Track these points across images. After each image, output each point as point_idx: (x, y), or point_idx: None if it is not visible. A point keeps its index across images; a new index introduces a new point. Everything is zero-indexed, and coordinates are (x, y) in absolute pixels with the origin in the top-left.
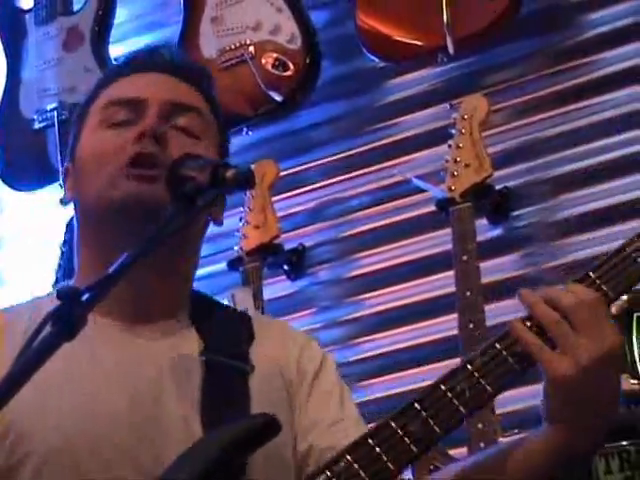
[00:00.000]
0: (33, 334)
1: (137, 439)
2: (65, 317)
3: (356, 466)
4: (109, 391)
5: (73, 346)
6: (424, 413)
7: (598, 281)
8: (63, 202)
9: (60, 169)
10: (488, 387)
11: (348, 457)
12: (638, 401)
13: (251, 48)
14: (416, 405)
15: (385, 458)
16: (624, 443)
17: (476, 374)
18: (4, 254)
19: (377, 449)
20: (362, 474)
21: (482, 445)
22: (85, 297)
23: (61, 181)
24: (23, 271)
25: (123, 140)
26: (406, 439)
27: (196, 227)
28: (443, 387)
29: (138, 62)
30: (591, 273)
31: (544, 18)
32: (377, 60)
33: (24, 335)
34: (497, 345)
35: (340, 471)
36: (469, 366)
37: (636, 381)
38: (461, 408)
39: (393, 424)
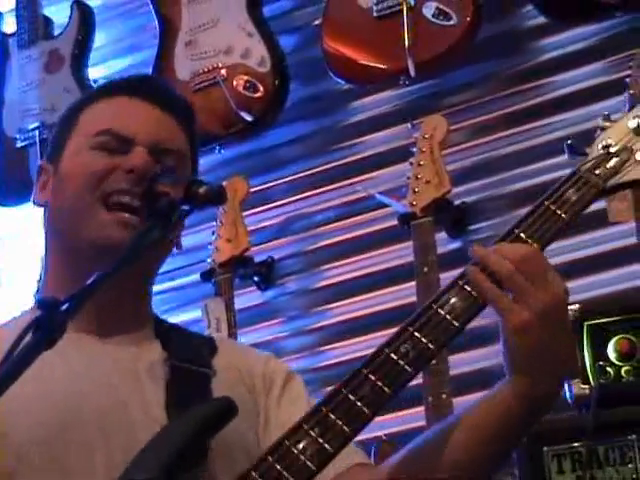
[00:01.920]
0: (14, 343)
1: (107, 436)
2: (45, 326)
3: (313, 433)
4: (78, 392)
5: (45, 353)
6: (372, 376)
7: (523, 235)
8: (35, 202)
9: None
10: (430, 345)
11: (305, 426)
12: (588, 405)
13: (223, 71)
14: (364, 370)
15: (340, 423)
16: (575, 444)
17: (417, 334)
18: (2, 256)
19: (332, 415)
20: (320, 440)
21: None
22: (64, 307)
23: (35, 178)
24: (21, 273)
25: (111, 163)
26: (358, 403)
27: (164, 246)
28: (387, 350)
29: (133, 85)
30: (515, 229)
31: (500, 43)
32: (342, 82)
33: None
34: (433, 305)
35: (299, 439)
36: (410, 328)
37: (586, 386)
38: (407, 367)
39: (344, 390)
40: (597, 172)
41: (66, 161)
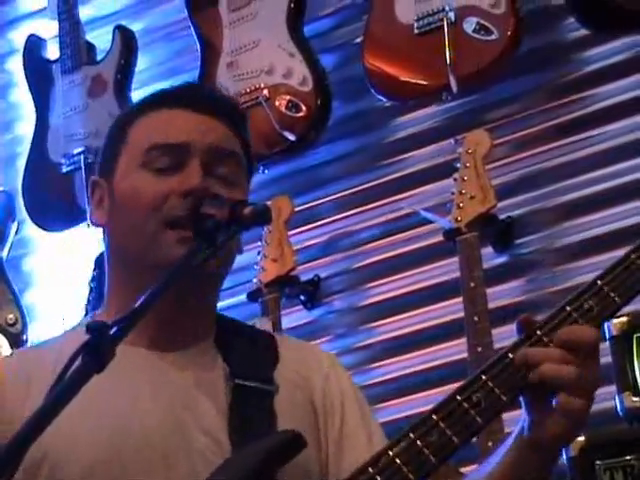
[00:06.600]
0: (64, 367)
1: (166, 459)
2: (94, 350)
3: (378, 478)
4: (137, 413)
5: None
6: (442, 424)
7: (605, 288)
8: (92, 222)
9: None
10: (503, 397)
11: (370, 470)
12: (639, 417)
13: (265, 91)
14: (434, 416)
15: (405, 469)
16: (627, 457)
17: (490, 384)
18: (36, 291)
19: (397, 460)
20: None
21: None
22: (113, 330)
23: (88, 195)
24: (54, 307)
25: (166, 188)
26: (425, 450)
27: (225, 260)
28: (459, 397)
29: (177, 95)
30: (598, 281)
31: (542, 56)
32: (384, 99)
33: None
34: (510, 355)
35: None
36: (483, 376)
37: (637, 399)
38: (477, 418)
39: (412, 435)
40: None
41: (118, 180)
